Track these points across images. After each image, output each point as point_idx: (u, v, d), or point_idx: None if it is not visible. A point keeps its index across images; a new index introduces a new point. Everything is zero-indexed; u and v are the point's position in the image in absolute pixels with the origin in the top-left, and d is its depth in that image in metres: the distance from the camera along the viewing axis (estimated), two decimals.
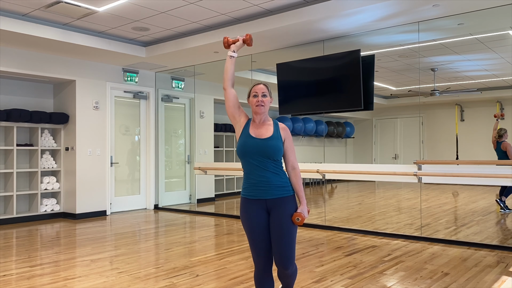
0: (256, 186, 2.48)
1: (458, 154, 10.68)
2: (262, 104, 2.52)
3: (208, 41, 6.15)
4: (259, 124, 2.56)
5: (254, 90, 2.55)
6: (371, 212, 7.60)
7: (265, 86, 2.56)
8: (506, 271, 3.88)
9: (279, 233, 2.45)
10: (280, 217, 2.46)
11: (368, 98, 5.73)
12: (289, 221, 2.46)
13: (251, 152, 2.47)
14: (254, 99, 2.54)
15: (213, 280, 3.69)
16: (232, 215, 7.38)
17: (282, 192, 2.48)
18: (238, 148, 2.53)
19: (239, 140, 2.54)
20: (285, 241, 2.45)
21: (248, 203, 2.51)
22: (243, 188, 2.56)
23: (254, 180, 2.49)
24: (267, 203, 2.48)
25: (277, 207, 2.47)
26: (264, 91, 2.54)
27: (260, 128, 2.53)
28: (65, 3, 5.12)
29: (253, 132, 2.52)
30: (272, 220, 2.48)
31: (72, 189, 7.13)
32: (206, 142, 8.85)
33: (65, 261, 4.38)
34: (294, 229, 2.49)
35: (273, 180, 2.47)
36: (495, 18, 4.99)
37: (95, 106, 7.34)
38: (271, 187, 2.46)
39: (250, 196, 2.50)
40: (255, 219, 2.48)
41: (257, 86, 2.56)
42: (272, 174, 2.47)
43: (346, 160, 13.27)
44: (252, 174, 2.49)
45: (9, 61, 6.31)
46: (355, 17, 5.05)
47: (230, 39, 2.66)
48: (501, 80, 9.21)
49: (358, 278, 3.70)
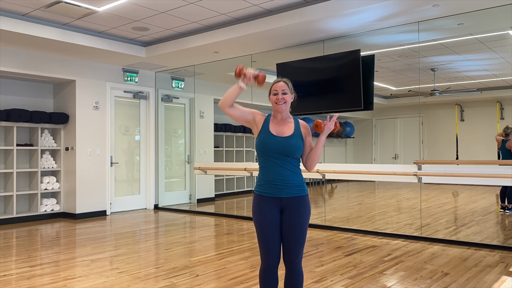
0: (272, 183, 2.47)
1: (458, 154, 10.69)
2: (283, 101, 2.50)
3: (208, 41, 6.15)
4: (280, 121, 2.54)
5: (274, 88, 2.54)
6: (371, 212, 7.60)
7: (285, 83, 2.53)
8: (506, 271, 3.87)
9: (290, 232, 2.46)
10: (294, 217, 2.46)
11: (368, 98, 5.73)
12: (302, 221, 2.46)
13: (271, 150, 2.46)
14: (274, 97, 2.52)
15: (213, 280, 3.69)
16: (232, 215, 7.38)
17: (298, 191, 2.47)
18: (257, 145, 2.51)
19: (259, 137, 2.52)
20: (296, 240, 2.46)
21: (262, 200, 2.49)
22: (257, 185, 2.54)
23: (270, 177, 2.47)
24: (281, 201, 2.47)
25: (291, 206, 2.46)
26: (284, 89, 2.51)
27: (282, 126, 2.52)
28: (65, 3, 5.12)
29: (274, 130, 2.51)
30: (285, 219, 2.48)
31: (72, 189, 7.13)
32: (206, 142, 8.85)
33: (65, 261, 4.38)
34: (305, 230, 2.50)
35: (290, 179, 2.46)
36: (495, 18, 4.99)
37: (95, 106, 7.34)
38: (287, 186, 2.45)
39: (265, 193, 2.49)
40: (268, 216, 2.46)
41: (277, 84, 2.54)
42: (290, 173, 2.46)
43: (346, 160, 13.27)
44: (269, 171, 2.47)
45: (9, 61, 6.31)
46: (355, 17, 5.05)
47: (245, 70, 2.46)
48: (501, 80, 9.21)
49: (358, 278, 3.70)
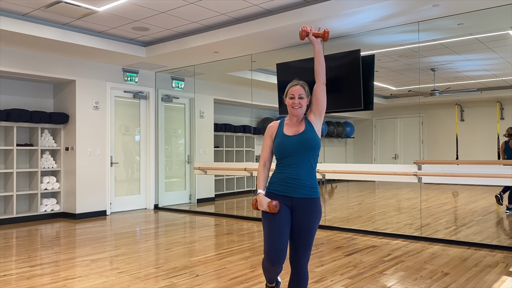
0: (285, 182, 2.47)
1: (458, 154, 10.69)
2: (299, 106, 2.51)
3: (208, 41, 6.15)
4: (295, 123, 2.56)
5: (291, 92, 2.54)
6: (371, 212, 7.60)
7: (302, 87, 2.53)
8: (506, 271, 3.87)
9: (299, 234, 2.45)
10: (304, 219, 2.44)
11: (368, 98, 5.73)
12: (312, 224, 2.45)
13: (289, 150, 2.47)
14: (290, 101, 2.53)
15: (213, 280, 3.69)
16: (232, 215, 7.38)
17: (310, 192, 2.46)
18: (275, 148, 2.52)
19: (275, 142, 2.54)
20: (303, 243, 2.45)
21: (273, 198, 2.49)
22: (270, 183, 2.55)
23: (285, 176, 2.47)
24: (293, 201, 2.46)
25: (302, 207, 2.45)
26: (301, 93, 2.52)
27: (297, 127, 2.54)
28: (65, 3, 5.12)
29: (288, 131, 2.53)
30: (294, 220, 2.46)
31: (72, 189, 7.13)
32: (206, 142, 8.85)
33: (65, 261, 4.38)
34: (314, 233, 2.49)
35: (304, 179, 2.45)
36: (495, 18, 4.99)
37: (95, 106, 7.34)
38: (300, 186, 2.45)
39: (277, 191, 2.49)
40: (278, 213, 2.44)
41: (294, 87, 2.54)
42: (304, 173, 2.45)
43: (346, 160, 13.27)
44: (285, 171, 2.48)
45: (9, 61, 6.31)
46: (355, 17, 5.05)
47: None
48: (501, 80, 9.21)
49: (358, 278, 3.70)
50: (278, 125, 2.58)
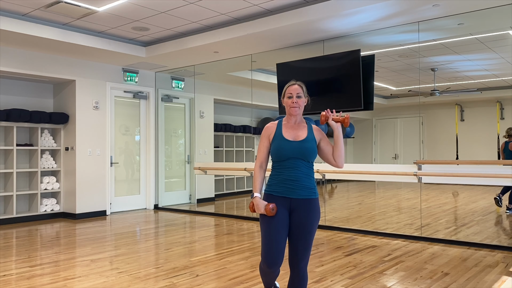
0: (283, 183, 2.45)
1: (458, 154, 10.68)
2: (297, 105, 2.49)
3: (208, 41, 6.15)
4: (294, 125, 2.52)
5: (289, 91, 2.51)
6: (371, 212, 7.60)
7: (299, 87, 2.51)
8: (506, 271, 3.87)
9: (298, 235, 2.43)
10: (302, 220, 2.42)
11: (368, 98, 5.73)
12: (310, 224, 2.43)
13: (287, 156, 2.44)
14: (288, 100, 2.51)
15: (213, 280, 3.68)
16: (232, 215, 7.38)
17: (308, 193, 2.45)
18: (273, 151, 2.49)
19: (273, 144, 2.50)
20: (302, 244, 2.43)
21: (272, 199, 2.46)
22: (268, 185, 2.52)
23: (282, 177, 2.45)
24: (291, 202, 2.44)
25: (300, 208, 2.43)
26: (299, 92, 2.50)
27: (296, 130, 2.50)
28: (65, 3, 5.12)
29: (288, 134, 2.49)
30: (293, 221, 2.44)
31: (72, 189, 7.13)
32: (206, 142, 8.85)
33: (65, 261, 4.38)
34: (313, 234, 2.47)
35: (302, 180, 2.44)
36: (495, 18, 4.99)
37: (95, 106, 7.34)
38: (298, 187, 2.43)
39: (276, 192, 2.47)
40: (276, 216, 2.42)
41: (292, 87, 2.52)
42: (303, 175, 2.44)
43: (346, 160, 13.23)
44: (283, 172, 2.46)
45: (9, 61, 6.31)
46: (355, 17, 5.05)
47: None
48: (501, 80, 9.21)
49: (358, 278, 3.70)
50: (276, 127, 2.55)
